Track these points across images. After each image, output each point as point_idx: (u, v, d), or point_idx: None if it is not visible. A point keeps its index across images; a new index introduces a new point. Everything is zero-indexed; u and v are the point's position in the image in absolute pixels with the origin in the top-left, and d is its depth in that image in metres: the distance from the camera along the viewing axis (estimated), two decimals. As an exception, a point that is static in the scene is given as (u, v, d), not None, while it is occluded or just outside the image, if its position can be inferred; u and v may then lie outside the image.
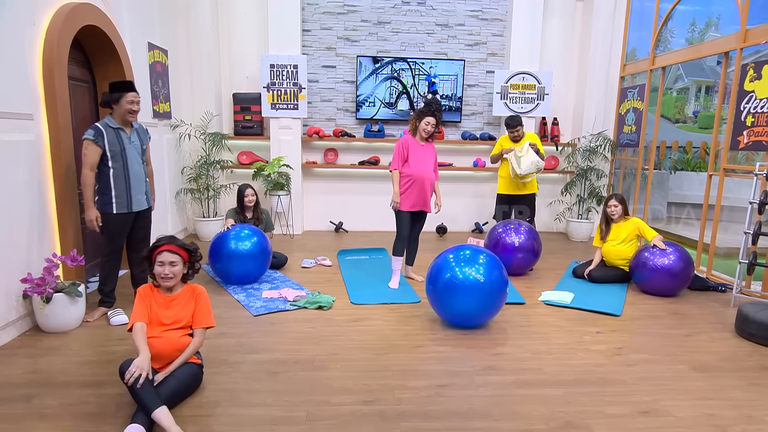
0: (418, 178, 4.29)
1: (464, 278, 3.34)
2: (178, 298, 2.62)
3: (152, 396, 2.21)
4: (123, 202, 3.55)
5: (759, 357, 3.19)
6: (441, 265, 3.49)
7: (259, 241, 4.36)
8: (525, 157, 5.13)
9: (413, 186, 4.31)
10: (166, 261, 2.55)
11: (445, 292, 3.41)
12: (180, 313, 2.59)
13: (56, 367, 2.86)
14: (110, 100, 3.47)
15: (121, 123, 3.51)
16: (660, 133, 6.06)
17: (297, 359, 3.00)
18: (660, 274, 4.24)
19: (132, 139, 3.58)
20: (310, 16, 6.60)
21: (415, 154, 4.31)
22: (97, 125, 3.43)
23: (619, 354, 3.19)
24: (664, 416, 2.48)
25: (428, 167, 4.35)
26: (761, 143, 4.23)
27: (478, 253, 3.49)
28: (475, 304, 3.38)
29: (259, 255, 4.36)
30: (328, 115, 6.86)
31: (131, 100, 3.47)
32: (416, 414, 2.44)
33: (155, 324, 2.53)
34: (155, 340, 2.47)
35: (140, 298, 2.57)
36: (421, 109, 4.34)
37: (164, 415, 2.17)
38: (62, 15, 3.63)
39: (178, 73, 6.04)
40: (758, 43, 4.43)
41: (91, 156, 3.40)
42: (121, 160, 3.50)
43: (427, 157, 4.36)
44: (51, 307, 3.25)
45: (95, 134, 3.39)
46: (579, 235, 6.69)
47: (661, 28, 5.89)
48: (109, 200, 3.51)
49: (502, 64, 6.86)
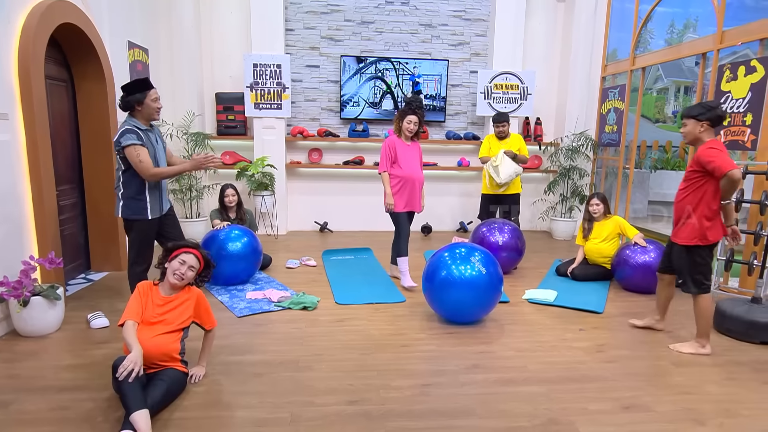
0: (409, 179, 4.33)
1: (460, 275, 3.41)
2: (176, 299, 2.61)
3: (138, 396, 2.18)
4: (156, 206, 3.38)
5: (736, 352, 3.26)
6: (438, 263, 3.54)
7: (249, 242, 4.33)
8: (502, 165, 5.20)
9: (404, 186, 4.35)
10: (188, 262, 2.58)
11: (442, 289, 3.47)
12: (175, 315, 2.56)
13: (34, 371, 2.80)
14: (133, 101, 3.23)
15: (145, 124, 3.31)
16: (640, 132, 6.16)
17: (281, 360, 2.98)
18: (641, 272, 4.31)
19: (158, 140, 3.43)
20: (294, 15, 6.57)
21: (403, 154, 4.33)
22: (131, 129, 3.18)
23: (601, 351, 3.23)
24: (645, 411, 2.52)
25: (416, 167, 4.39)
26: (738, 142, 4.32)
27: (474, 250, 3.56)
28: (472, 300, 3.45)
29: (250, 255, 4.33)
30: (312, 114, 6.83)
31: (155, 97, 3.28)
32: (401, 413, 2.45)
33: (146, 323, 2.50)
34: (145, 342, 2.43)
35: (137, 295, 2.55)
36: (402, 109, 4.36)
37: (143, 418, 2.13)
38: (38, 12, 3.56)
39: (160, 73, 5.95)
40: (734, 45, 4.53)
41: (147, 157, 3.19)
42: (155, 163, 3.31)
43: (414, 157, 4.39)
44: (28, 311, 3.18)
45: (138, 137, 3.17)
46: (562, 233, 6.77)
47: (641, 29, 5.99)
48: (145, 206, 3.30)
49: (486, 64, 6.90)
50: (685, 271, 3.21)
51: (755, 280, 3.78)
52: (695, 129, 3.08)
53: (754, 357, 3.18)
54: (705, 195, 3.08)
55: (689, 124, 3.11)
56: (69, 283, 4.31)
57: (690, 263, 3.17)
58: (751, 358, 3.17)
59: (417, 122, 4.33)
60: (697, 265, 3.16)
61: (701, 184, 3.08)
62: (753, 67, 4.20)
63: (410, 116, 4.30)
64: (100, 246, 4.71)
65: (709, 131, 3.08)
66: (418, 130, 4.40)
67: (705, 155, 2.99)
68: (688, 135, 3.14)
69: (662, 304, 3.54)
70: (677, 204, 3.23)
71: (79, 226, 4.61)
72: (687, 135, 3.14)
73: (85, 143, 4.58)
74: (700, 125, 3.06)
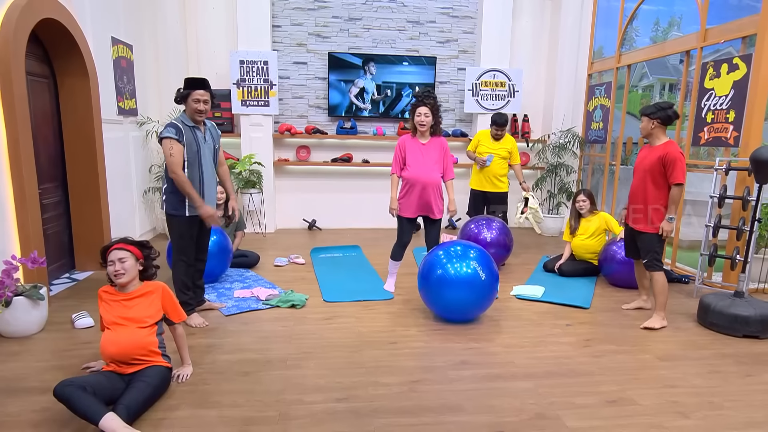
0: (417, 182, 3.92)
1: (456, 273, 3.41)
2: (138, 296, 2.55)
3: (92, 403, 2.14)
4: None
5: (719, 345, 3.31)
6: (433, 262, 3.53)
7: (218, 240, 4.20)
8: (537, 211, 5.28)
9: (412, 190, 3.95)
10: (115, 259, 2.50)
11: (438, 287, 3.47)
12: (140, 309, 2.52)
13: (17, 373, 2.75)
14: (180, 98, 3.25)
15: (193, 122, 3.27)
16: (626, 129, 6.21)
17: (269, 358, 2.97)
18: (627, 267, 4.34)
19: (206, 139, 3.35)
20: (280, 11, 6.52)
21: (414, 155, 3.94)
22: (174, 123, 3.19)
23: (588, 345, 3.27)
24: (630, 405, 2.55)
25: (430, 168, 3.93)
26: (720, 139, 4.38)
27: (469, 248, 3.55)
28: (470, 298, 3.45)
29: (220, 253, 4.22)
30: (299, 112, 6.80)
31: (197, 98, 3.20)
32: (390, 410, 2.45)
33: (116, 324, 2.47)
34: (121, 338, 2.41)
35: (99, 302, 2.55)
36: (413, 103, 3.99)
37: (111, 421, 2.10)
38: (18, 8, 3.49)
39: (145, 69, 5.88)
40: (717, 43, 4.59)
41: (179, 156, 3.15)
42: (196, 161, 3.25)
43: (429, 157, 3.94)
44: (11, 311, 3.13)
45: (176, 132, 3.15)
46: (550, 230, 6.81)
47: (626, 27, 6.04)
48: (183, 201, 3.24)
49: (473, 61, 6.91)
50: (649, 251, 3.61)
51: (738, 274, 3.84)
52: (648, 125, 3.52)
53: (737, 350, 3.23)
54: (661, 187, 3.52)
55: (644, 121, 3.55)
56: (53, 283, 4.25)
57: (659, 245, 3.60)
58: (734, 351, 3.22)
59: (429, 113, 3.89)
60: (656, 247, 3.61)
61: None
62: (735, 64, 4.26)
63: (420, 108, 3.89)
64: (84, 245, 4.64)
65: (659, 128, 3.50)
66: (436, 122, 3.94)
67: (673, 156, 3.40)
68: (643, 130, 3.59)
69: (644, 284, 3.96)
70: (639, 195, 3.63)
71: (63, 224, 4.55)
72: (642, 130, 3.59)
73: (69, 141, 4.50)
74: (652, 123, 3.50)
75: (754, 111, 4.09)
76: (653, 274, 3.59)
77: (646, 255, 3.61)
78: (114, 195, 4.96)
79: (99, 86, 4.62)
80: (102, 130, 4.69)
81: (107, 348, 2.42)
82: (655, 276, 3.58)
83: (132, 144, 5.54)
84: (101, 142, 4.67)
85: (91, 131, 4.51)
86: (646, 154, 3.57)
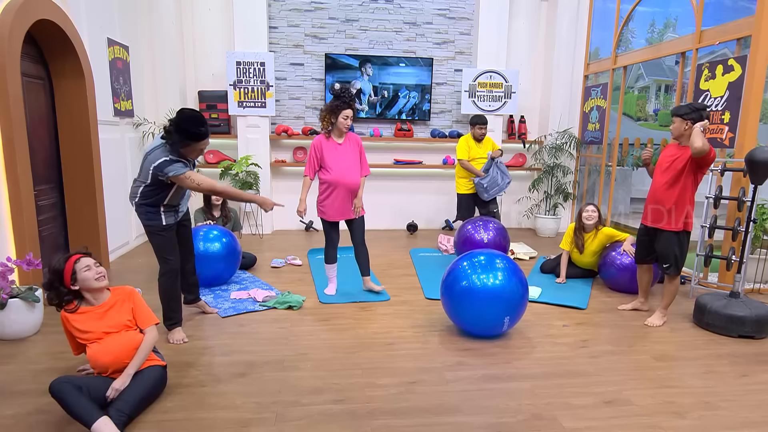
0: (340, 185, 3.84)
1: (482, 285, 3.19)
2: (109, 305, 2.49)
3: (87, 405, 2.13)
4: (171, 215, 3.15)
5: (715, 345, 3.32)
6: (457, 273, 3.30)
7: (228, 242, 4.28)
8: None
9: (335, 193, 3.88)
10: (90, 263, 2.45)
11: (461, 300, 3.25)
12: (118, 318, 2.47)
13: (12, 375, 2.74)
14: (183, 139, 2.92)
15: (184, 159, 3.03)
16: (622, 130, 6.23)
17: (266, 360, 2.96)
18: (627, 273, 4.24)
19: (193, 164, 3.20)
20: (277, 12, 6.52)
21: (332, 156, 3.83)
22: (171, 156, 2.90)
23: (585, 346, 3.27)
24: (627, 405, 2.55)
25: (351, 169, 3.87)
26: (716, 140, 4.40)
27: (494, 257, 3.33)
28: (500, 313, 3.22)
29: (229, 256, 4.27)
30: (296, 113, 6.79)
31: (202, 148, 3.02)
32: (386, 411, 2.45)
33: (99, 339, 2.41)
34: (112, 346, 2.38)
35: (66, 324, 2.44)
36: (334, 103, 3.77)
37: (104, 425, 2.09)
38: (13, 9, 3.48)
39: (141, 70, 5.87)
40: (712, 44, 4.61)
41: (199, 176, 2.99)
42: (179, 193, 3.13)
43: (348, 158, 3.87)
44: (6, 314, 3.11)
45: (182, 164, 2.93)
46: (546, 230, 6.82)
47: (622, 29, 6.06)
48: (157, 211, 3.07)
49: (470, 62, 6.92)
50: (671, 255, 3.54)
51: (733, 275, 3.85)
52: (681, 126, 3.41)
53: (733, 350, 3.24)
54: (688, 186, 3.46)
55: (676, 122, 3.44)
56: (48, 285, 4.23)
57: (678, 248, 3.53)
58: (730, 351, 3.23)
59: (353, 116, 3.82)
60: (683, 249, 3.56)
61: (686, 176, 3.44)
62: (730, 66, 4.28)
63: (346, 111, 3.75)
64: (80, 247, 4.62)
65: (692, 129, 3.34)
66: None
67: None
68: (675, 130, 3.48)
69: (645, 288, 3.94)
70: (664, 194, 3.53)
71: (58, 226, 4.53)
72: (674, 130, 3.48)
73: (64, 142, 4.49)
74: (685, 123, 3.38)
75: (749, 112, 4.11)
76: (671, 277, 3.58)
77: (667, 259, 3.52)
78: (110, 197, 4.94)
79: (95, 87, 4.61)
80: (98, 131, 4.68)
81: (100, 359, 2.37)
82: (674, 279, 3.58)
83: (128, 145, 5.53)
84: (97, 143, 4.66)
85: (87, 132, 4.50)
86: (678, 154, 3.45)
